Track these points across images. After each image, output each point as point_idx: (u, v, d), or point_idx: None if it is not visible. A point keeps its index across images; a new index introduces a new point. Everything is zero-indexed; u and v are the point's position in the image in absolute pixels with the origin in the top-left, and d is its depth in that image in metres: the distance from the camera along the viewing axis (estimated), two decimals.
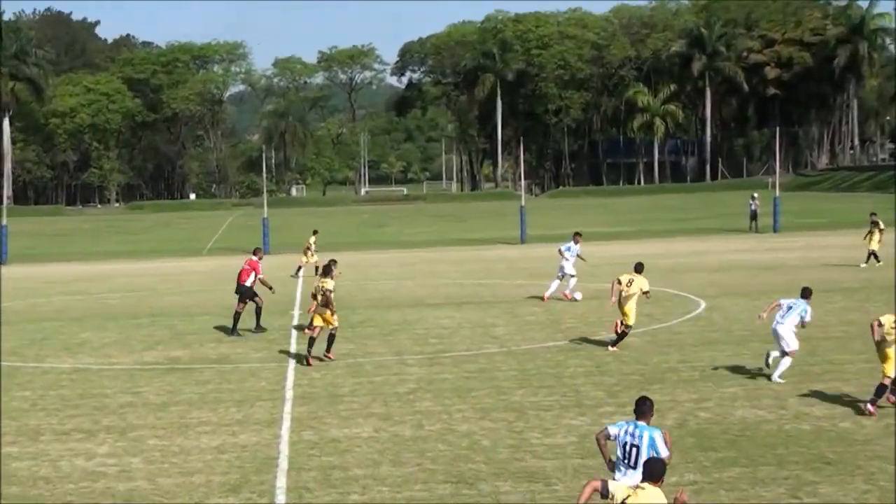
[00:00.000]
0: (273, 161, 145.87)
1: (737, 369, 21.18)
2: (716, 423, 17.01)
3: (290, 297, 35.50)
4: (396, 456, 15.87)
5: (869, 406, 17.39)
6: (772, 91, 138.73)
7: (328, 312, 23.37)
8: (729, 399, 18.62)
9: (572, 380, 20.78)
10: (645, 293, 23.93)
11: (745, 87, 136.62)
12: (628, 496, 9.54)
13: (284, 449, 16.50)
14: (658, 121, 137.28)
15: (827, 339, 24.10)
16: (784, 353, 19.95)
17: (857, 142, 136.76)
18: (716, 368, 21.34)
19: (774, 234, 61.22)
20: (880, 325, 17.58)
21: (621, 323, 23.74)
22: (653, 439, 10.90)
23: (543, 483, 14.35)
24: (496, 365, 22.65)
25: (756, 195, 68.35)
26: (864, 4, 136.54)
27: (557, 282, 33.37)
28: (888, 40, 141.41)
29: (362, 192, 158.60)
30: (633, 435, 10.96)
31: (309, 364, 23.14)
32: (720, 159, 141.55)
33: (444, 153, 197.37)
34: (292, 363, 23.66)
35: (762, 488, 13.77)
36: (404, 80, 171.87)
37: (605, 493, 9.75)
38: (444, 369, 22.40)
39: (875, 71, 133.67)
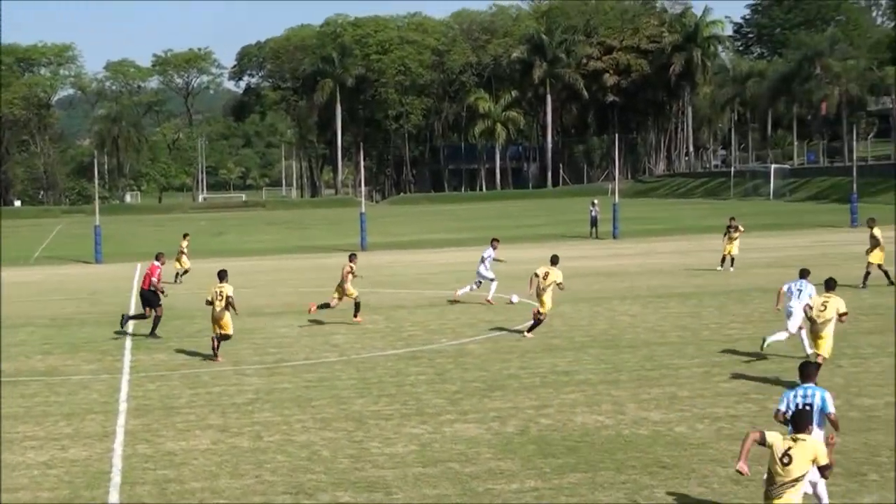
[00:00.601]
0: (106, 167, 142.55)
1: (577, 375, 21.35)
2: (556, 430, 17.08)
3: (124, 307, 34.49)
4: (234, 468, 15.53)
5: None
6: (611, 98, 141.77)
7: (224, 318, 24.00)
8: (569, 405, 18.74)
9: (413, 388, 20.66)
10: (559, 284, 26.19)
11: (585, 93, 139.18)
12: (789, 447, 10.47)
13: (118, 463, 16.00)
14: (499, 127, 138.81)
15: (663, 345, 24.50)
16: (786, 330, 21.81)
17: (691, 148, 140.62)
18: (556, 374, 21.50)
19: (614, 240, 62.28)
20: (810, 307, 19.86)
21: (538, 311, 26.15)
22: (824, 399, 12.32)
23: (384, 492, 14.20)
24: (336, 374, 22.40)
25: (596, 201, 69.40)
26: (699, 12, 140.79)
27: (475, 286, 33.49)
28: (720, 48, 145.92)
29: (200, 198, 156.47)
30: (804, 396, 12.25)
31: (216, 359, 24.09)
32: (561, 165, 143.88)
33: (283, 159, 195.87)
34: (126, 375, 22.98)
35: (601, 493, 13.87)
36: (242, 84, 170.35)
37: (762, 442, 10.81)
38: (283, 379, 22.05)
39: (708, 78, 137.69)
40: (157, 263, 29.20)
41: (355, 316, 29.41)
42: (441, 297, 34.36)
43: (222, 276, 24.87)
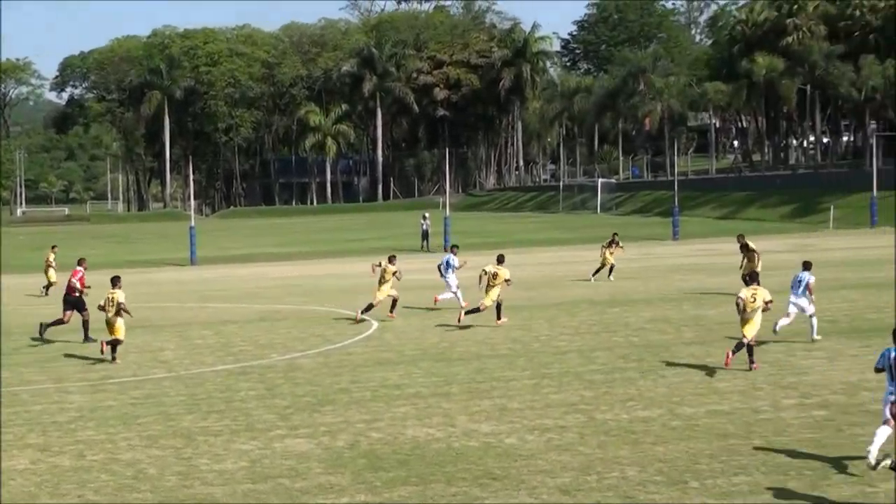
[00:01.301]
0: None
1: (408, 389, 21.37)
2: (387, 443, 17.05)
3: None
4: (55, 488, 15.04)
5: (753, 366, 21.39)
6: (441, 112, 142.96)
7: (116, 324, 24.98)
8: (400, 419, 18.73)
9: (243, 403, 20.38)
10: (506, 281, 28.85)
11: (416, 107, 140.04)
12: None
13: None
14: (330, 140, 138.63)
15: (494, 357, 24.71)
16: (810, 316, 24.38)
17: (521, 163, 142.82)
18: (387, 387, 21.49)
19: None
20: (742, 299, 21.61)
21: (484, 304, 28.82)
22: None
23: None
24: (164, 390, 21.94)
25: (427, 215, 69.90)
26: (527, 28, 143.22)
27: (451, 294, 33.65)
28: (549, 63, 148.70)
29: (18, 212, 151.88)
30: None
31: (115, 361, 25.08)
32: (392, 179, 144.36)
33: (109, 172, 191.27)
34: None
35: None
36: (65, 95, 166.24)
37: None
38: (108, 396, 21.49)
39: (537, 93, 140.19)
40: (80, 269, 30.17)
41: (391, 312, 31.42)
42: (271, 311, 33.96)
43: (115, 281, 26.04)
